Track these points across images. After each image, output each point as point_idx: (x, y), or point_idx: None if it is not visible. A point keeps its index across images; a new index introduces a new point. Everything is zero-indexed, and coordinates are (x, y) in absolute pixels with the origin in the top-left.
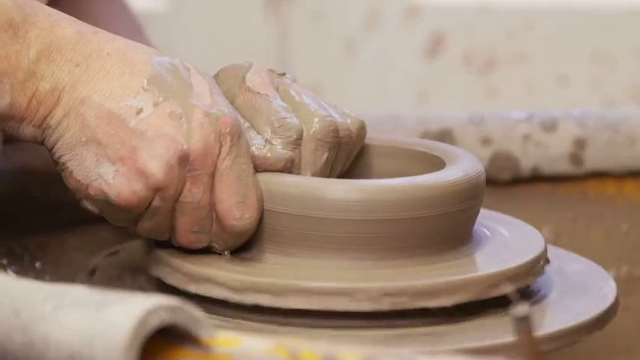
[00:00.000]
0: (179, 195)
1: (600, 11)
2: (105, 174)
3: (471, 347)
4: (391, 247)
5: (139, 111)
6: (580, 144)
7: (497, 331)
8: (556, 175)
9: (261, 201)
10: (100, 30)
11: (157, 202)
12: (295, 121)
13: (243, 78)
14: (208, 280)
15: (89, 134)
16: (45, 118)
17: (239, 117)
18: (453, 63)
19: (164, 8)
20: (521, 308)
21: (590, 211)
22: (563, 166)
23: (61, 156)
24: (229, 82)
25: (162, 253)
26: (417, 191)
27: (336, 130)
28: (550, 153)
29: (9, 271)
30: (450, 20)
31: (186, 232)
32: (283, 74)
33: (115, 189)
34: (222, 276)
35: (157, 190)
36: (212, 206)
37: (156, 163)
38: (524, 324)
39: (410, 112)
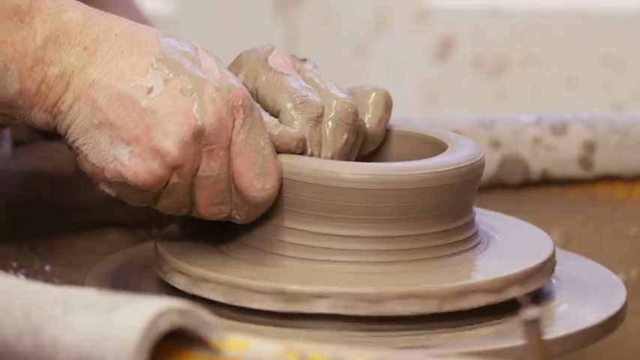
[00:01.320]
0: (196, 170)
1: (610, 14)
2: (120, 155)
3: (480, 350)
4: (399, 217)
5: (150, 90)
6: (590, 147)
7: (506, 334)
8: (566, 179)
9: (280, 169)
10: (106, 12)
11: (174, 180)
12: (317, 98)
13: (266, 59)
14: (218, 282)
15: (101, 117)
16: (56, 103)
17: (247, 90)
18: (463, 66)
19: (172, 10)
20: (530, 311)
21: (600, 214)
22: (573, 170)
23: (74, 140)
24: (251, 63)
25: (170, 256)
26: (423, 169)
27: (356, 114)
28: (560, 156)
29: (19, 274)
30: (459, 23)
31: (207, 205)
32: (305, 60)
33: (132, 170)
34: (245, 281)
35: (174, 167)
36: (231, 179)
37: (171, 141)
38: (533, 327)
39: (419, 115)
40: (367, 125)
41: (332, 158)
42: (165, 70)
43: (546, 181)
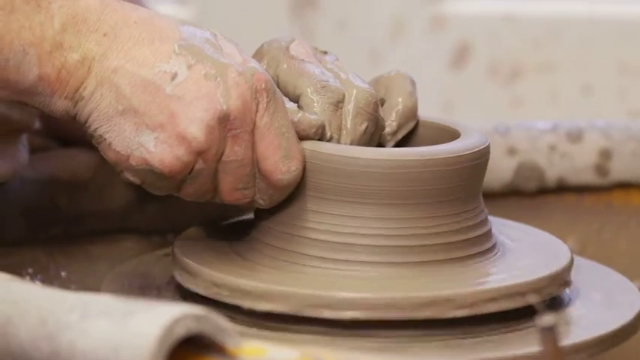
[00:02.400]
0: (221, 155)
1: (626, 21)
2: (146, 142)
3: (495, 357)
4: (416, 202)
5: (174, 76)
6: (605, 155)
7: (522, 341)
8: (581, 186)
9: (302, 151)
10: (123, 1)
11: (199, 165)
12: (338, 84)
13: (287, 48)
14: (231, 289)
15: (126, 103)
16: (77, 89)
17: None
18: (479, 72)
19: (188, 15)
20: (546, 318)
21: (616, 221)
22: (589, 177)
23: (97, 128)
24: (273, 52)
25: (187, 260)
26: (437, 153)
27: (377, 104)
28: (575, 164)
29: (35, 280)
30: (475, 30)
31: (230, 190)
32: (326, 52)
33: (158, 156)
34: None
35: (200, 153)
36: (255, 163)
37: (196, 126)
38: (549, 334)
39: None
40: (400, 104)
41: (351, 145)
42: (187, 55)
43: (562, 189)
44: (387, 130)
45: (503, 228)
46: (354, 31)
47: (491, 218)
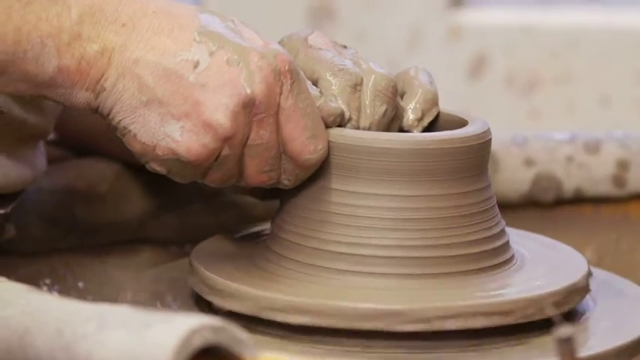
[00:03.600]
0: (247, 140)
1: None
2: (171, 132)
3: None
4: (430, 179)
5: (196, 64)
6: (623, 166)
7: (539, 352)
8: (599, 197)
9: (325, 129)
10: None
11: (225, 151)
12: (356, 69)
13: (306, 38)
14: (250, 299)
15: (149, 94)
16: (98, 80)
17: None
18: (496, 83)
19: None
20: (564, 330)
21: (633, 232)
22: (606, 188)
23: (120, 120)
24: (292, 43)
25: (205, 271)
26: (449, 138)
27: (395, 88)
28: (593, 174)
29: (52, 290)
30: (492, 41)
31: (257, 173)
32: (345, 46)
33: (184, 145)
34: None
35: (226, 139)
36: (280, 144)
37: (222, 113)
38: (567, 345)
39: None
40: (421, 92)
41: (369, 128)
42: (208, 42)
43: (579, 200)
44: (412, 116)
45: (521, 239)
46: (371, 42)
47: (508, 229)
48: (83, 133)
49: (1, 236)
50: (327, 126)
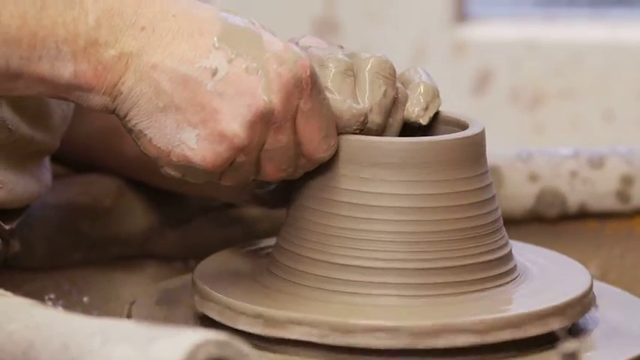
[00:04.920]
0: (263, 145)
1: None
2: (187, 139)
3: None
4: (432, 169)
5: (215, 71)
6: (627, 181)
7: None
8: (603, 212)
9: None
10: None
11: (241, 158)
12: (344, 57)
13: (297, 42)
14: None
15: (166, 100)
16: (115, 84)
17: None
18: (500, 99)
19: None
20: (568, 345)
21: (638, 247)
22: (611, 203)
23: (137, 124)
24: None
25: (208, 288)
26: (450, 138)
27: (393, 69)
28: (597, 190)
29: (57, 305)
30: (497, 56)
31: (274, 172)
32: (341, 47)
33: (200, 153)
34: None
35: (241, 149)
36: (297, 144)
37: (238, 124)
38: None
39: None
40: (422, 85)
41: (372, 111)
42: (227, 49)
43: (584, 215)
44: (417, 108)
45: (525, 253)
46: None
47: (512, 242)
48: (86, 151)
49: (7, 252)
50: (351, 129)
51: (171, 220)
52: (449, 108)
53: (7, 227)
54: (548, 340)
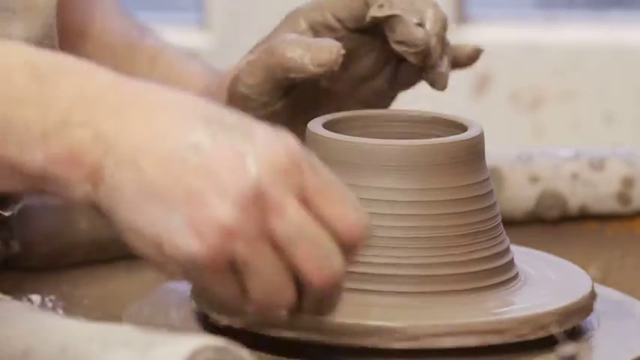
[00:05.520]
0: (269, 232)
1: None
2: (175, 225)
3: None
4: (428, 171)
5: (198, 148)
6: (628, 183)
7: None
8: (604, 214)
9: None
10: (138, 78)
11: (241, 249)
12: None
13: None
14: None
15: (148, 185)
16: (95, 170)
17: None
18: (500, 101)
19: (210, 45)
20: (567, 348)
21: (638, 249)
22: (612, 205)
23: (120, 214)
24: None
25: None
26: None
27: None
28: (598, 192)
29: (57, 307)
30: (496, 58)
31: (313, 268)
32: None
33: (188, 241)
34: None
35: (233, 234)
36: (325, 224)
37: (226, 204)
38: None
39: None
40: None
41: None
42: (213, 125)
43: (584, 217)
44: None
45: (525, 256)
46: None
47: (513, 247)
48: None
49: (5, 252)
50: (332, 64)
51: None
52: (449, 110)
53: (6, 214)
54: (547, 344)
